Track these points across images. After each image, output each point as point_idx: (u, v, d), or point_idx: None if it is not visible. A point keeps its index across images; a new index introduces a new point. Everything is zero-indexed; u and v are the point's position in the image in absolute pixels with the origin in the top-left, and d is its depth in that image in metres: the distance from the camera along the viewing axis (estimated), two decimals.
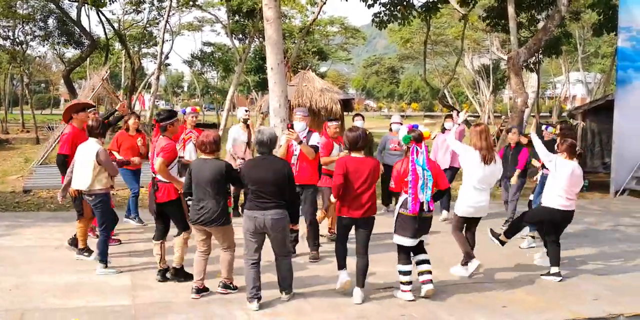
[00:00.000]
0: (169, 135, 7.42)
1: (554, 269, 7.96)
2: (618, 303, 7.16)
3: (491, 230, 8.57)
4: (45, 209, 12.40)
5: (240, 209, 11.74)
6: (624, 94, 15.79)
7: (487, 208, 8.03)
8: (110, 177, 7.83)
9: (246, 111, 11.76)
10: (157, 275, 7.50)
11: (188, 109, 11.85)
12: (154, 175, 7.35)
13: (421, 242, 7.11)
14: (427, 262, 7.09)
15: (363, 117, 11.67)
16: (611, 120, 15.93)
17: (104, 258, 7.81)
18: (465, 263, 7.94)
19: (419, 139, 6.88)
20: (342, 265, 7.12)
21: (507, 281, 7.82)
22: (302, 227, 8.78)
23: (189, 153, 11.17)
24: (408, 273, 7.00)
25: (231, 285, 7.10)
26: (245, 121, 11.57)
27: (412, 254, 7.10)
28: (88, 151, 7.68)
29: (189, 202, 6.93)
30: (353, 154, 6.93)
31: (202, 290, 6.95)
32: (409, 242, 6.93)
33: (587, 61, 51.70)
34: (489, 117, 50.30)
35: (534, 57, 22.81)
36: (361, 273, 6.92)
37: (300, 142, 8.38)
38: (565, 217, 8.02)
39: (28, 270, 7.88)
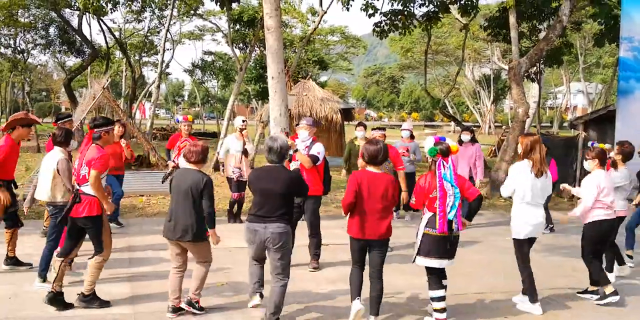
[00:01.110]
0: (101, 144, 6.87)
1: (609, 289, 7.47)
2: (623, 315, 7.13)
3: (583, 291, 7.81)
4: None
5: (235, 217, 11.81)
6: (626, 104, 15.78)
7: (543, 225, 7.32)
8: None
9: (243, 121, 11.77)
10: (46, 296, 6.77)
11: (180, 118, 11.93)
12: (77, 187, 6.82)
13: (443, 270, 6.64)
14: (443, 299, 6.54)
15: (365, 127, 11.55)
16: (613, 131, 15.91)
17: (43, 272, 7.54)
18: (534, 300, 7.12)
19: (446, 152, 6.43)
20: (356, 295, 6.41)
21: (508, 292, 7.74)
22: (304, 238, 8.78)
23: (183, 162, 11.20)
24: (442, 299, 6.48)
25: (196, 304, 6.60)
26: (241, 130, 11.59)
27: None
28: (50, 160, 7.49)
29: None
30: (369, 168, 6.37)
31: (178, 309, 6.57)
32: (436, 263, 6.44)
33: (588, 71, 51.86)
34: (489, 127, 50.43)
35: (535, 67, 22.83)
36: (376, 300, 6.39)
37: (295, 150, 8.33)
38: (612, 225, 7.70)
39: (28, 278, 7.84)
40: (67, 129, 7.80)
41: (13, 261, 8.43)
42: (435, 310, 6.49)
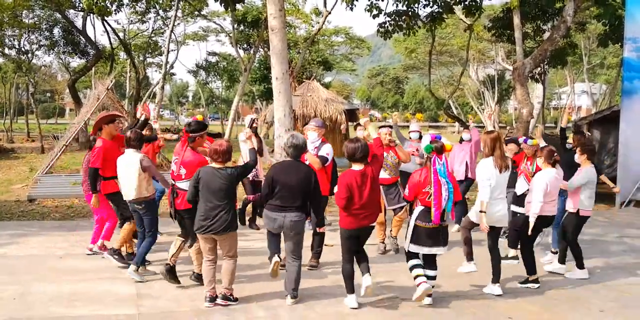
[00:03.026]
0: (194, 147, 7.57)
1: (533, 277, 8.05)
2: (624, 315, 7.11)
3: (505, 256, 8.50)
4: (49, 218, 12.39)
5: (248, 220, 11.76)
6: (630, 105, 15.75)
7: (507, 217, 7.90)
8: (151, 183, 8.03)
9: (252, 119, 11.63)
10: (163, 267, 7.59)
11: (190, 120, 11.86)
12: (173, 183, 7.56)
13: (434, 256, 7.20)
14: (433, 278, 7.21)
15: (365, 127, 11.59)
16: (617, 131, 15.90)
17: (141, 260, 8.00)
18: (469, 260, 7.93)
19: (441, 150, 6.93)
20: (351, 288, 7.04)
21: (511, 291, 7.76)
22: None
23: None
24: (419, 266, 7.07)
25: (231, 297, 7.01)
26: (254, 129, 11.48)
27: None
28: (130, 162, 7.82)
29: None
30: (354, 167, 6.88)
31: (215, 299, 6.94)
32: (427, 250, 7.02)
33: (592, 72, 51.69)
34: (493, 128, 50.35)
35: (539, 68, 22.84)
36: (366, 265, 7.00)
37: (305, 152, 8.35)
38: (549, 222, 8.20)
39: (32, 279, 7.88)
40: (141, 133, 8.18)
41: (131, 257, 8.57)
42: (415, 277, 7.03)
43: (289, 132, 11.58)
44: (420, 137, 12.37)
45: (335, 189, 6.92)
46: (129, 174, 7.82)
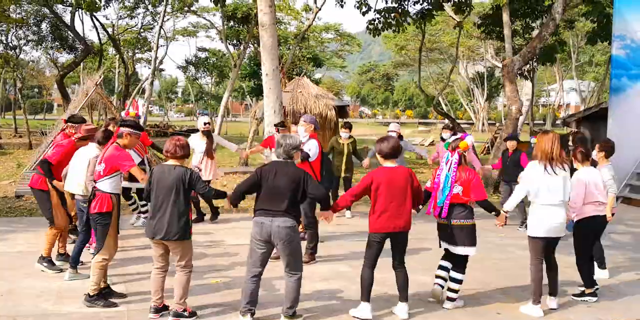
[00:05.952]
0: (120, 144, 7.02)
1: (590, 290, 7.56)
2: (612, 310, 7.14)
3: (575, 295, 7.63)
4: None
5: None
6: (618, 102, 15.84)
7: (564, 225, 7.06)
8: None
9: (205, 124, 11.57)
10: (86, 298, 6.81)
11: (123, 113, 11.72)
12: (93, 184, 6.93)
13: (465, 258, 6.97)
14: (457, 281, 6.95)
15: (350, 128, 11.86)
16: (605, 128, 15.97)
17: (75, 264, 7.68)
18: (537, 302, 6.94)
19: (454, 148, 6.86)
20: (366, 297, 6.54)
21: (501, 288, 7.77)
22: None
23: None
24: (443, 268, 7.10)
25: (185, 313, 6.34)
26: (204, 132, 11.45)
27: (448, 264, 7.12)
28: (87, 155, 7.55)
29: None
30: (386, 164, 6.52)
31: (161, 310, 6.43)
32: (450, 247, 6.96)
33: (581, 69, 52.03)
34: (482, 125, 50.53)
35: (528, 65, 22.91)
36: (403, 288, 6.60)
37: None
38: (603, 221, 7.79)
39: (20, 275, 7.84)
40: (109, 131, 7.85)
41: (64, 257, 8.41)
42: (436, 276, 7.13)
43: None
44: (400, 137, 12.44)
45: None
46: (81, 167, 7.56)
